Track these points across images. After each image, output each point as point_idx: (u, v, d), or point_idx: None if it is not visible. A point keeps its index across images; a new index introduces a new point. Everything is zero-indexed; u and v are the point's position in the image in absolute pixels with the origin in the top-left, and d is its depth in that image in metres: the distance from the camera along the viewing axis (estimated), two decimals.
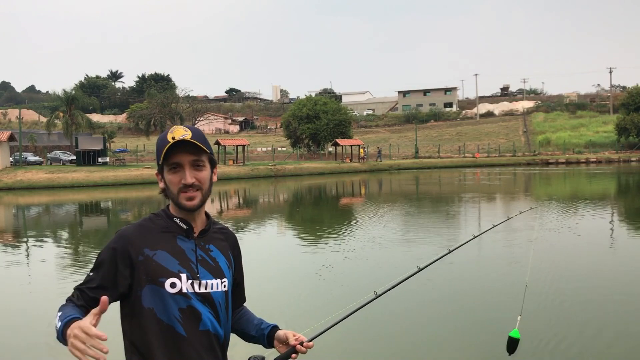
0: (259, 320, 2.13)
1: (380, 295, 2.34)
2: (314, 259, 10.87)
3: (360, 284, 8.58)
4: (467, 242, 3.38)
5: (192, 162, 1.85)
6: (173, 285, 1.81)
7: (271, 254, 12.00)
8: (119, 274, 1.81)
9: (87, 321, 1.57)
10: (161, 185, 1.92)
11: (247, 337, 2.13)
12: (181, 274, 1.83)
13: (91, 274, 1.84)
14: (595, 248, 11.57)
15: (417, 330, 6.70)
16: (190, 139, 1.83)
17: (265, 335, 2.07)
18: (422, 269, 2.64)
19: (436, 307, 7.49)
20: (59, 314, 1.74)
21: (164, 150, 1.81)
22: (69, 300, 1.83)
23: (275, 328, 2.07)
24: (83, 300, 1.80)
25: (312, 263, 10.54)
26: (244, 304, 2.20)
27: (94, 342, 1.52)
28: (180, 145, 1.81)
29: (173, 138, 1.82)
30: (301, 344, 1.96)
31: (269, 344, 2.06)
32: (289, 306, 7.75)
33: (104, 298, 1.60)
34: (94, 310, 1.60)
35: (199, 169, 1.87)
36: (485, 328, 6.56)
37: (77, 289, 1.84)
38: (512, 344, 3.31)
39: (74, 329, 1.56)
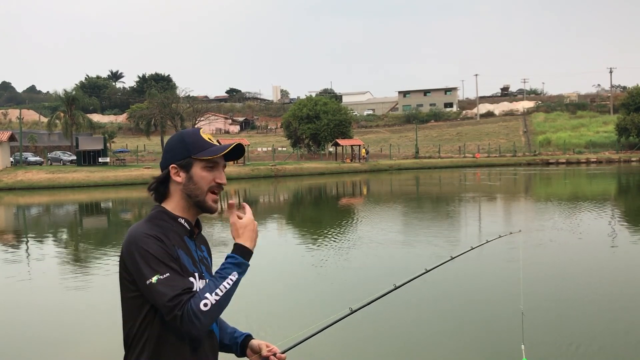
0: (232, 329, 2.12)
1: (355, 311, 2.38)
2: (306, 260, 10.89)
3: (343, 296, 8.57)
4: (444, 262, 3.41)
5: (223, 165, 1.93)
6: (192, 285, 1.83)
7: (264, 254, 12.01)
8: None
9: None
10: (179, 179, 1.87)
11: (220, 345, 2.04)
12: (195, 274, 1.84)
13: (164, 276, 1.70)
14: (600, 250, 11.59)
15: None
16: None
17: (238, 343, 2.06)
18: (399, 287, 2.70)
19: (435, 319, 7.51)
20: (220, 280, 1.75)
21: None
22: (190, 291, 1.72)
23: (248, 337, 2.07)
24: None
25: (303, 263, 10.56)
26: None
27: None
28: (222, 147, 1.88)
29: (210, 139, 1.89)
30: (274, 355, 1.94)
31: (241, 353, 2.06)
32: (270, 313, 7.70)
33: (232, 201, 1.86)
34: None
35: (223, 172, 1.95)
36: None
37: (183, 290, 1.71)
38: None
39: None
